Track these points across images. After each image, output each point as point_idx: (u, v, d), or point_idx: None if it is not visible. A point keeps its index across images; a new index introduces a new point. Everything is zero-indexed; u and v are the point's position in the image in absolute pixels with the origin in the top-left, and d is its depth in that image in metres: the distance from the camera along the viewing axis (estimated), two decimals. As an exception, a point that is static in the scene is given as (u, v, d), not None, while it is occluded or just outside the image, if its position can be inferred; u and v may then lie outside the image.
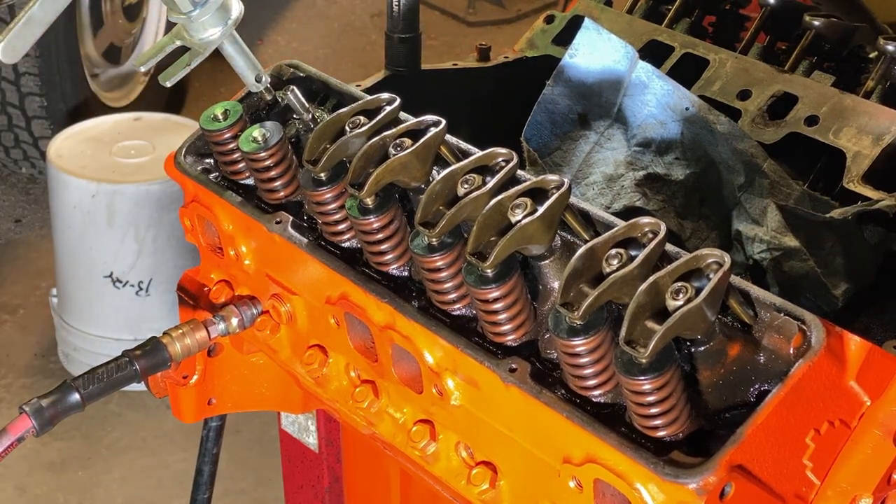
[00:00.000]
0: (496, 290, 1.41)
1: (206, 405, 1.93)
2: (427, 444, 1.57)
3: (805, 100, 1.98)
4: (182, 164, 1.77)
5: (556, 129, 1.99)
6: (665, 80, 1.98)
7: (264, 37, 6.66)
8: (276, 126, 1.66)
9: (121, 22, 5.29)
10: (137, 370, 1.69)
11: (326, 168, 1.56)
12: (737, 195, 1.91)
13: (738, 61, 2.09)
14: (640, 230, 1.34)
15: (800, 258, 1.80)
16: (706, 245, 1.90)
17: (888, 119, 1.89)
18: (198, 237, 1.82)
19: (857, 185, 1.85)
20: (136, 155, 4.14)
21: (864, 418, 1.37)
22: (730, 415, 1.33)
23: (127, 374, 1.68)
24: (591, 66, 2.00)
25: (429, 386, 1.52)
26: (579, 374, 1.35)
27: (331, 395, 1.72)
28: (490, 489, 1.51)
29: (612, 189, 1.93)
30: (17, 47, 1.57)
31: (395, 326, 1.53)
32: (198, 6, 1.58)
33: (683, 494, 1.25)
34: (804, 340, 1.30)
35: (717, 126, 1.90)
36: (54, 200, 4.03)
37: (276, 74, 1.79)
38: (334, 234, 1.62)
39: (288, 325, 1.75)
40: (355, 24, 6.91)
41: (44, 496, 3.72)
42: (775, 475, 1.31)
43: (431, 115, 1.54)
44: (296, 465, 2.32)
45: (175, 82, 1.64)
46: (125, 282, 3.97)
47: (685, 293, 1.27)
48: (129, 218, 3.92)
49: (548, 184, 1.40)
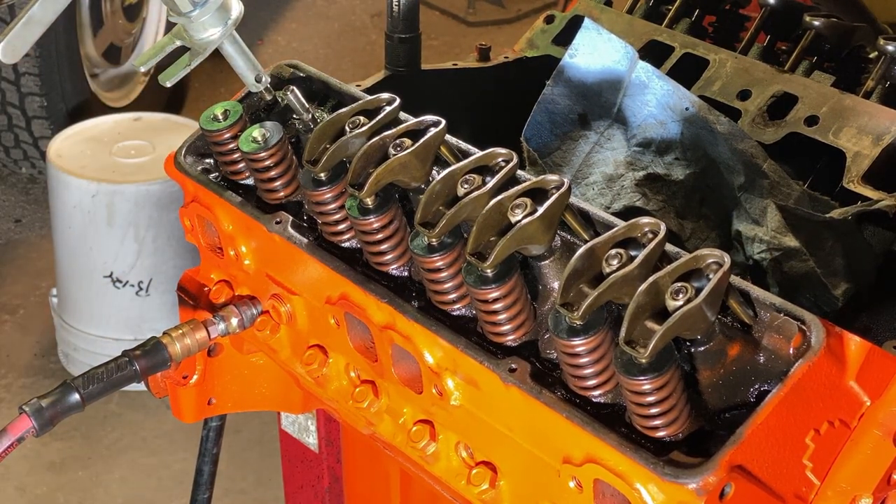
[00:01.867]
0: (496, 291, 1.41)
1: (206, 405, 1.93)
2: (427, 444, 1.57)
3: (805, 100, 1.98)
4: (182, 164, 1.77)
5: (556, 129, 1.99)
6: (665, 80, 1.98)
7: (264, 37, 6.66)
8: (276, 126, 1.66)
9: (121, 22, 5.29)
10: (137, 370, 1.69)
11: (326, 168, 1.56)
12: (737, 195, 1.91)
13: (738, 61, 2.09)
14: (640, 230, 1.34)
15: (800, 258, 1.80)
16: (706, 245, 1.90)
17: (888, 119, 1.89)
18: (198, 237, 1.82)
19: (857, 185, 1.85)
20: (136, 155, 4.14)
21: (863, 418, 1.37)
22: (729, 415, 1.33)
23: (127, 374, 1.68)
24: (591, 66, 2.00)
25: (429, 386, 1.52)
26: (579, 374, 1.35)
27: (331, 395, 1.72)
28: (490, 489, 1.51)
29: (612, 189, 1.93)
30: (17, 47, 1.57)
31: (395, 326, 1.53)
32: (198, 6, 1.58)
33: (683, 494, 1.25)
34: (804, 340, 1.30)
35: (717, 126, 1.90)
36: (54, 200, 4.03)
37: (276, 74, 1.79)
38: (334, 234, 1.62)
39: (288, 325, 1.75)
40: (355, 24, 6.91)
41: (44, 496, 3.72)
42: (775, 475, 1.31)
43: (431, 115, 1.54)
44: (296, 465, 2.32)
45: (175, 82, 1.64)
46: (125, 282, 3.97)
47: (685, 293, 1.27)
48: (129, 218, 3.92)
49: (548, 184, 1.40)
